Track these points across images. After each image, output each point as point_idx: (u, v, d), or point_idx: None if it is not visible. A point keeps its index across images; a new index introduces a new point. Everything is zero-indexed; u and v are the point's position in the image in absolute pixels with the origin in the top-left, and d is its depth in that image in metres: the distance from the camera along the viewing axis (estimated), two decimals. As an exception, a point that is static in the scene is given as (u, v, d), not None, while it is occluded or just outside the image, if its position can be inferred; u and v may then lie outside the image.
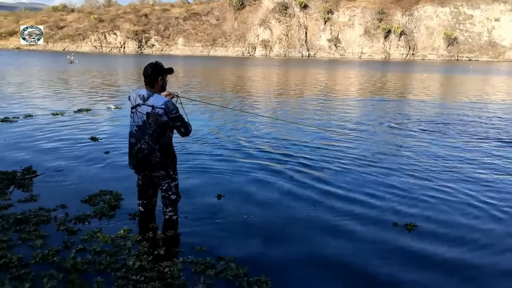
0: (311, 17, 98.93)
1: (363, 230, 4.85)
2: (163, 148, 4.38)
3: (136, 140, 4.39)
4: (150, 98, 4.28)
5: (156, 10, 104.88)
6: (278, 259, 4.12)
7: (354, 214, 5.31)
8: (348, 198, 5.86)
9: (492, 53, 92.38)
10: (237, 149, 8.57)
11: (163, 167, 4.46)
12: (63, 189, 5.88)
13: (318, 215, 5.25)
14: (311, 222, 5.03)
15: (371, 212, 5.38)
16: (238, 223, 4.94)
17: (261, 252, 4.27)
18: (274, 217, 5.13)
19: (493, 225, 5.09)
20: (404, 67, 56.41)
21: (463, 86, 28.04)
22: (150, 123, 4.26)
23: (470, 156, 8.40)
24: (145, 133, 4.31)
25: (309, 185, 6.36)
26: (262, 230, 4.76)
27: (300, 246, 4.43)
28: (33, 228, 4.46)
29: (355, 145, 9.22)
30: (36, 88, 20.02)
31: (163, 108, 4.22)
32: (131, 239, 4.28)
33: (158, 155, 4.36)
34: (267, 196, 5.83)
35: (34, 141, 8.88)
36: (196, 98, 7.14)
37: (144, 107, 4.28)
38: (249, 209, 5.34)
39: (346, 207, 5.51)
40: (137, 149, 4.39)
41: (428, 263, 4.13)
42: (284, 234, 4.71)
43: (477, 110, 15.38)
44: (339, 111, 14.83)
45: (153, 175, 4.53)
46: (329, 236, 4.69)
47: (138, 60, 59.46)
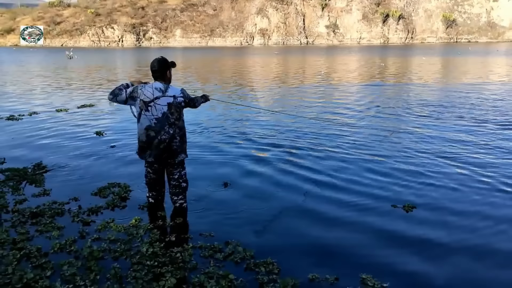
0: (308, 4, 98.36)
1: (362, 213, 5.06)
2: (181, 131, 4.71)
3: (155, 133, 4.57)
4: (168, 90, 4.60)
5: (152, 2, 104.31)
6: (283, 243, 4.33)
7: (353, 199, 5.51)
8: (346, 183, 6.06)
9: (491, 34, 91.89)
10: (240, 138, 8.76)
11: (183, 151, 4.77)
12: (74, 183, 6.09)
13: (321, 200, 5.45)
14: (313, 207, 5.23)
15: (369, 195, 5.59)
16: (244, 210, 5.15)
17: (267, 237, 4.48)
18: (278, 204, 5.33)
19: (490, 207, 5.29)
20: (403, 51, 56.29)
21: (460, 69, 28.08)
22: (172, 112, 4.57)
23: (467, 138, 8.59)
24: (165, 123, 4.55)
25: (310, 171, 6.56)
26: (267, 216, 4.97)
27: (305, 230, 4.63)
28: (49, 221, 4.69)
29: (357, 131, 9.40)
30: (38, 85, 20.20)
31: (182, 96, 4.66)
32: (143, 227, 4.51)
33: (178, 139, 4.67)
34: (272, 184, 6.04)
35: (41, 138, 9.10)
36: (218, 98, 7.42)
37: (163, 98, 4.55)
38: (254, 197, 5.56)
39: (345, 193, 5.72)
40: (157, 141, 4.58)
41: (427, 245, 4.34)
42: (288, 220, 4.91)
43: (473, 93, 15.51)
44: (338, 98, 14.98)
45: (175, 162, 4.77)
46: (330, 220, 4.90)
47: (137, 53, 59.47)
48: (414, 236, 4.46)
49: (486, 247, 4.25)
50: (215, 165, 6.98)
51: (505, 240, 4.39)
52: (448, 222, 4.77)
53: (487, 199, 5.44)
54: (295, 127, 9.80)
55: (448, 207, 5.18)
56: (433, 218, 4.87)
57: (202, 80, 22.53)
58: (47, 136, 9.24)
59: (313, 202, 5.37)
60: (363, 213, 5.04)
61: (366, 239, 4.42)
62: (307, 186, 5.92)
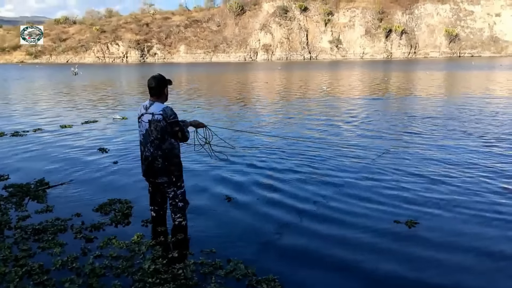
0: (311, 20, 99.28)
1: (364, 228, 5.04)
2: (165, 154, 4.64)
3: (143, 148, 4.74)
4: (151, 107, 4.61)
5: (157, 19, 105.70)
6: (285, 260, 4.31)
7: (356, 212, 5.50)
8: (349, 198, 6.05)
9: (494, 48, 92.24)
10: (245, 154, 8.77)
11: (165, 173, 4.70)
12: (76, 199, 6.10)
13: (322, 215, 5.44)
14: (315, 222, 5.22)
15: (372, 210, 5.57)
16: (245, 225, 5.15)
17: (269, 253, 4.47)
18: (281, 221, 5.32)
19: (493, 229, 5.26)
20: (406, 66, 56.49)
21: (463, 83, 28.11)
22: (152, 130, 4.57)
23: (457, 155, 8.57)
24: (147, 140, 4.63)
25: (311, 185, 6.56)
26: (269, 233, 4.95)
27: (306, 245, 4.62)
28: (51, 237, 4.70)
29: (363, 145, 9.40)
30: (43, 101, 20.37)
31: (161, 114, 4.53)
32: (145, 244, 4.51)
33: (160, 161, 4.64)
34: (275, 201, 6.02)
35: (44, 154, 9.14)
36: (234, 128, 7.43)
37: (146, 115, 4.61)
38: (256, 210, 5.55)
39: (347, 207, 5.70)
40: (144, 156, 4.74)
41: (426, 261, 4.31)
42: (290, 235, 4.90)
43: (476, 107, 15.50)
44: (344, 112, 15.01)
45: (157, 182, 4.77)
46: (332, 235, 4.88)
47: (141, 69, 59.93)
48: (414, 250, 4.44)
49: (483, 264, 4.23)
50: (218, 180, 6.99)
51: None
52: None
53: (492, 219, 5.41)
54: (294, 148, 9.79)
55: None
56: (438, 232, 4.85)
57: (206, 95, 22.65)
58: (50, 153, 9.27)
59: (314, 219, 5.35)
60: (364, 230, 5.01)
61: (369, 255, 4.39)
62: (307, 204, 5.89)
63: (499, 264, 4.22)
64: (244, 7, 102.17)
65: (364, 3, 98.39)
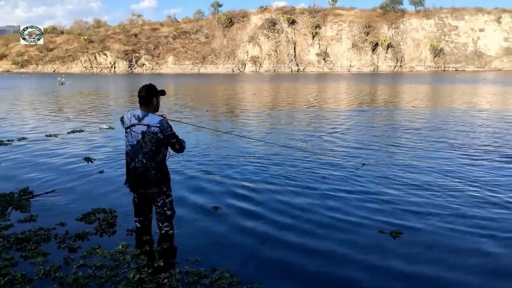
0: (299, 32, 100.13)
1: (348, 237, 5.08)
2: (158, 165, 4.61)
3: (130, 159, 4.63)
4: (145, 118, 4.53)
5: (145, 29, 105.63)
6: (270, 270, 4.33)
7: (343, 221, 5.53)
8: (331, 208, 6.09)
9: (478, 63, 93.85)
10: (226, 163, 8.78)
11: (158, 184, 4.66)
12: (61, 209, 6.04)
13: (307, 224, 5.47)
14: (299, 231, 5.24)
15: (356, 220, 5.61)
16: (230, 235, 5.15)
17: (254, 263, 4.48)
18: (265, 228, 5.33)
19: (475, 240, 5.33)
20: (392, 79, 57.18)
21: (447, 96, 28.55)
22: (146, 142, 4.49)
23: (448, 167, 8.69)
24: (139, 152, 4.54)
25: (298, 195, 6.59)
26: (255, 242, 4.97)
27: (290, 255, 4.63)
28: (34, 247, 4.64)
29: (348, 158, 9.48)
30: (28, 110, 20.19)
31: (158, 126, 4.48)
32: (130, 253, 4.48)
33: (153, 173, 4.58)
34: (257, 210, 6.04)
35: (29, 163, 9.04)
36: (183, 120, 7.34)
37: (139, 126, 4.52)
38: (241, 220, 5.55)
39: (333, 216, 5.74)
40: (132, 167, 4.62)
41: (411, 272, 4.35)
42: (274, 245, 4.90)
43: (457, 119, 15.74)
44: (328, 123, 15.13)
45: (148, 192, 4.72)
46: (315, 246, 4.90)
47: (129, 79, 59.74)
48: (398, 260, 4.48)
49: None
50: (205, 189, 6.98)
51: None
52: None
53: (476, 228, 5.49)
54: (282, 158, 9.84)
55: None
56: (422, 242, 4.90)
57: (193, 106, 22.64)
58: (35, 162, 9.18)
59: (297, 230, 5.36)
60: (348, 241, 5.04)
61: (353, 266, 4.42)
62: (291, 215, 5.91)
63: (484, 275, 4.27)
64: (233, 19, 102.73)
65: (351, 17, 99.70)
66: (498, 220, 5.60)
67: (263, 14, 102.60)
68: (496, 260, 4.53)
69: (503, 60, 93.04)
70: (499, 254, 4.66)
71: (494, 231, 5.26)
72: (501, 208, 6.06)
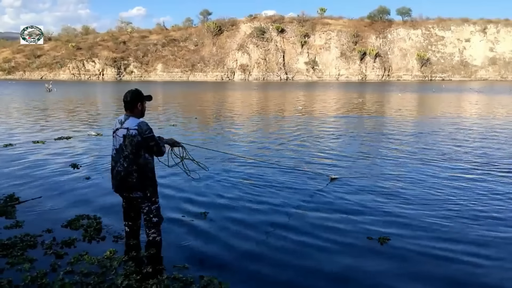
0: (288, 41, 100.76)
1: (339, 243, 5.11)
2: (140, 169, 4.61)
3: (114, 163, 4.67)
4: (126, 121, 4.59)
5: (134, 37, 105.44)
6: (259, 276, 4.34)
7: (331, 228, 5.56)
8: (324, 215, 6.12)
9: (464, 73, 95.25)
10: (220, 167, 8.78)
11: (140, 188, 4.65)
12: (47, 215, 5.99)
13: (297, 231, 5.49)
14: (289, 238, 5.26)
15: (345, 227, 5.65)
16: (218, 242, 5.15)
17: (243, 269, 4.49)
18: (253, 235, 5.35)
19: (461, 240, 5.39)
20: (380, 87, 57.72)
21: (433, 104, 28.88)
22: (126, 145, 4.53)
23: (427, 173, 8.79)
24: (121, 155, 4.57)
25: (286, 204, 6.61)
26: (241, 249, 4.98)
27: (279, 263, 4.64)
28: (20, 253, 4.60)
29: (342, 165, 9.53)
30: (15, 117, 19.98)
31: (136, 129, 4.52)
32: (117, 259, 4.45)
33: (135, 176, 4.59)
34: (246, 217, 6.05)
35: (15, 170, 8.94)
36: (199, 145, 7.42)
37: (121, 130, 4.58)
38: (230, 227, 5.55)
39: (323, 223, 5.77)
40: (115, 171, 4.65)
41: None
42: (264, 250, 4.92)
43: (443, 126, 15.93)
44: (320, 131, 15.21)
45: (131, 197, 4.72)
46: (306, 251, 4.92)
47: (117, 87, 59.45)
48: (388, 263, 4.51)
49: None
50: (194, 194, 6.98)
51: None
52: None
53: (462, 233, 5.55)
54: (268, 172, 9.86)
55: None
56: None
57: (181, 113, 22.61)
58: (21, 168, 9.09)
59: (291, 234, 5.39)
60: (338, 247, 5.08)
61: (342, 271, 4.44)
62: (282, 218, 5.94)
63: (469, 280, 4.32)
64: (222, 27, 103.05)
65: (339, 26, 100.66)
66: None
67: (252, 22, 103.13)
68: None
69: (489, 70, 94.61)
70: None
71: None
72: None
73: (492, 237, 5.32)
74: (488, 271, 4.46)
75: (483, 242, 5.15)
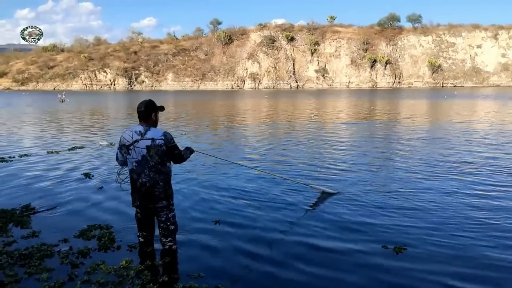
0: (298, 49, 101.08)
1: (352, 252, 5.08)
2: (165, 178, 4.67)
3: (137, 175, 4.64)
4: (148, 132, 4.59)
5: (145, 47, 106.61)
6: (274, 286, 4.33)
7: (344, 238, 5.54)
8: (337, 223, 6.10)
9: (476, 79, 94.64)
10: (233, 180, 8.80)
11: (166, 198, 4.70)
12: (62, 225, 6.04)
13: (311, 241, 5.47)
14: (304, 248, 5.24)
15: (360, 236, 5.62)
16: (233, 250, 5.16)
17: (257, 279, 4.48)
18: (268, 245, 5.34)
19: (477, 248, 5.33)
20: (391, 94, 57.51)
21: (446, 111, 28.67)
22: (152, 155, 4.55)
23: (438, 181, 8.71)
24: (145, 166, 4.57)
25: (301, 214, 6.60)
26: (256, 257, 4.98)
27: (296, 272, 4.62)
28: (37, 263, 4.64)
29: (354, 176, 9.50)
30: (29, 127, 20.27)
31: (162, 139, 4.57)
32: (134, 269, 4.47)
33: (162, 185, 4.63)
34: (264, 224, 6.05)
35: (30, 180, 9.04)
36: (209, 153, 7.50)
37: (142, 141, 4.57)
38: (244, 235, 5.56)
39: (336, 233, 5.74)
40: (139, 183, 4.63)
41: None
42: (277, 260, 4.91)
43: (457, 133, 15.80)
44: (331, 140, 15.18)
45: (156, 207, 4.74)
46: (320, 261, 4.91)
47: (129, 96, 60.04)
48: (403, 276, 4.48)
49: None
50: (207, 202, 7.00)
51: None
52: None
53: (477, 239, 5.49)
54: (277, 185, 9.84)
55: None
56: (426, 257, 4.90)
57: (193, 123, 22.73)
58: (36, 178, 9.19)
59: (305, 244, 5.38)
60: (353, 256, 5.05)
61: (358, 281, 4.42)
62: (296, 234, 5.92)
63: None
64: (232, 37, 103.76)
65: (349, 34, 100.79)
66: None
67: (262, 31, 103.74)
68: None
69: (501, 76, 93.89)
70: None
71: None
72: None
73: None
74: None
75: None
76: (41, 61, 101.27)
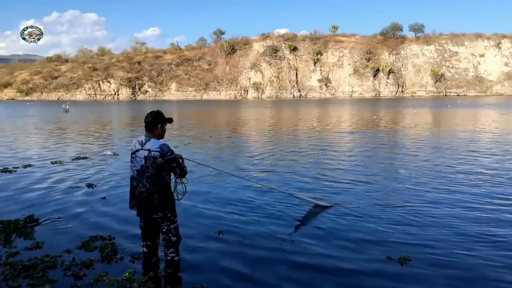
0: (301, 59, 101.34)
1: (358, 262, 5.06)
2: (161, 190, 4.67)
3: (136, 183, 4.71)
4: (147, 143, 4.65)
5: (149, 57, 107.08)
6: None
7: (351, 247, 5.52)
8: (344, 234, 6.08)
9: (479, 88, 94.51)
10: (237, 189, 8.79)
11: (161, 209, 4.71)
12: (65, 236, 6.05)
13: (317, 251, 5.45)
14: (309, 259, 5.23)
15: (364, 247, 5.60)
16: (237, 259, 5.15)
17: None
18: (271, 256, 5.32)
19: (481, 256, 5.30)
20: (394, 104, 57.49)
21: (450, 120, 28.65)
22: (148, 166, 4.59)
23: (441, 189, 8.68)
24: (143, 176, 4.63)
25: (302, 223, 6.58)
26: (261, 267, 4.96)
27: (299, 282, 4.61)
28: (41, 274, 4.64)
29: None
30: (34, 138, 20.35)
31: (158, 151, 4.58)
32: (137, 280, 4.46)
33: (157, 197, 4.64)
34: (268, 235, 6.03)
35: (34, 190, 9.06)
36: (197, 161, 7.42)
37: (142, 151, 4.64)
38: (247, 246, 5.54)
39: (341, 242, 5.73)
40: (137, 192, 4.69)
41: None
42: (281, 273, 4.89)
43: (463, 142, 15.77)
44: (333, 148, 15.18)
45: (152, 217, 4.76)
46: (327, 271, 4.89)
47: (132, 106, 60.27)
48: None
49: None
50: (209, 213, 6.99)
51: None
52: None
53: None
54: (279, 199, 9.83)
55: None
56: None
57: (196, 132, 22.77)
58: (40, 188, 9.22)
59: (310, 253, 5.36)
60: (357, 267, 5.03)
61: None
62: (304, 237, 5.91)
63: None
64: (235, 46, 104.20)
65: (352, 43, 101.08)
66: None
67: (265, 41, 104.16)
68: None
69: (504, 85, 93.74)
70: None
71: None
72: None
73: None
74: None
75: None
76: (46, 72, 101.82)
